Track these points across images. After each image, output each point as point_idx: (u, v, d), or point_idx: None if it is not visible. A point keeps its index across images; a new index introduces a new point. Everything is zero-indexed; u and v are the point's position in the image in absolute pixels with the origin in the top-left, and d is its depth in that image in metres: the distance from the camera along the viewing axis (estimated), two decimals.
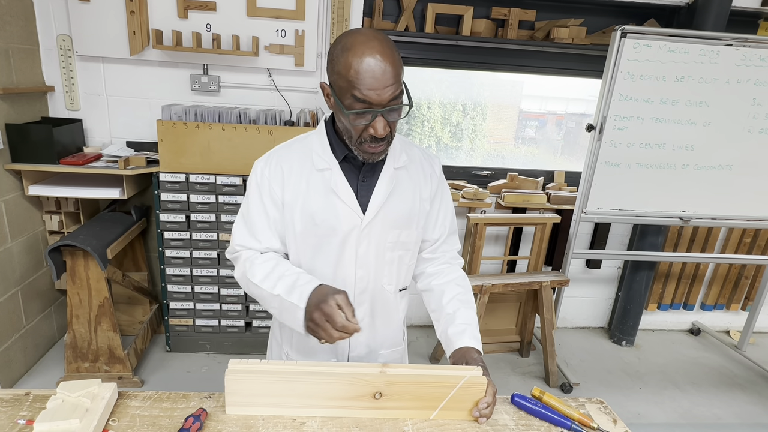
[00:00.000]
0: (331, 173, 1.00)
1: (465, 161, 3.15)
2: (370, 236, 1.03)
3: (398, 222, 1.05)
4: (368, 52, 0.84)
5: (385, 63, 0.84)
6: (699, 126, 2.41)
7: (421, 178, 1.08)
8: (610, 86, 2.29)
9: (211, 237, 2.38)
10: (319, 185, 1.01)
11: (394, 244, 1.06)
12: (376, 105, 0.86)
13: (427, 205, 1.09)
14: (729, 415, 2.46)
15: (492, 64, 2.77)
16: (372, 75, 0.84)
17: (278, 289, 0.95)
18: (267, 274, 0.99)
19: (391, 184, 1.02)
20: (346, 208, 1.00)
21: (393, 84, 0.86)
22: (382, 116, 0.89)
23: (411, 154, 1.08)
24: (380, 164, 1.03)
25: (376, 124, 0.89)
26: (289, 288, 0.94)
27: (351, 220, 1.01)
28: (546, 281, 2.55)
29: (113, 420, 0.90)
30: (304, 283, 0.94)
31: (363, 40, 0.86)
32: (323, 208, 1.00)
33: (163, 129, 2.20)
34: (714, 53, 2.28)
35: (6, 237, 2.15)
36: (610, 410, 1.05)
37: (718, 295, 3.27)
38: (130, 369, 2.27)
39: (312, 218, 1.01)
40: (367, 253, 1.04)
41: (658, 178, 2.48)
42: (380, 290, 1.09)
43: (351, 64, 0.85)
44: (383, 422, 0.94)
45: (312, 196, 1.01)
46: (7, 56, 2.11)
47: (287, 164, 1.03)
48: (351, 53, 0.85)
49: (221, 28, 2.38)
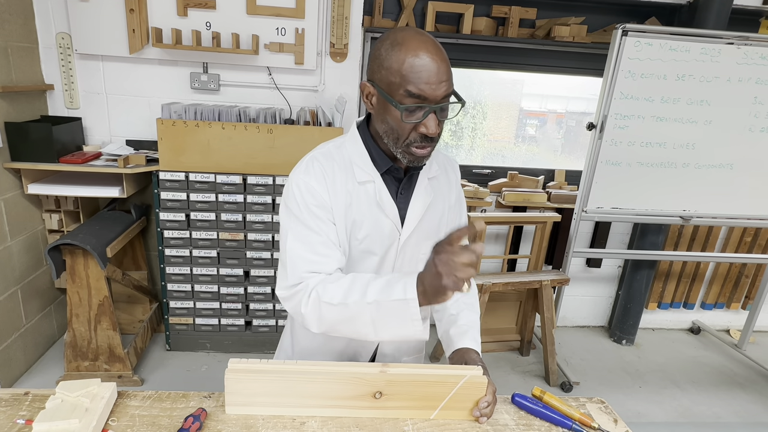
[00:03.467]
0: (374, 186, 0.95)
1: (465, 160, 3.15)
2: (407, 250, 1.01)
3: (430, 233, 1.03)
4: (423, 47, 0.82)
5: (440, 58, 0.83)
6: (700, 125, 2.40)
7: (446, 186, 1.07)
8: (611, 85, 2.28)
9: (211, 236, 2.37)
10: (362, 198, 0.95)
11: (426, 255, 1.04)
12: (431, 100, 0.84)
13: (452, 214, 1.08)
14: (729, 414, 2.46)
15: (492, 62, 2.76)
16: (428, 69, 0.82)
17: (371, 296, 0.83)
18: (348, 289, 0.86)
19: (428, 197, 1.00)
20: (389, 222, 0.97)
21: (447, 80, 0.84)
22: (435, 114, 0.85)
23: (438, 161, 1.06)
24: (415, 175, 1.00)
25: (428, 122, 0.85)
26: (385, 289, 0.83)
27: (391, 235, 0.98)
28: (546, 280, 2.55)
29: (113, 420, 0.90)
30: (399, 279, 0.84)
31: (415, 35, 0.84)
32: (368, 223, 0.96)
33: (163, 128, 2.20)
34: (715, 52, 2.27)
35: (6, 236, 2.15)
36: (611, 410, 1.05)
37: (718, 294, 3.26)
38: (130, 368, 2.27)
39: (354, 232, 0.97)
40: (403, 266, 1.02)
41: (658, 176, 2.48)
42: None
43: (405, 59, 0.82)
44: (383, 422, 0.94)
45: (355, 209, 0.95)
46: (6, 54, 2.11)
47: (330, 173, 0.94)
48: (405, 48, 0.83)
49: (221, 26, 2.37)
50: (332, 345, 1.06)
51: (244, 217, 2.37)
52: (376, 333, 0.86)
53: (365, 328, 0.86)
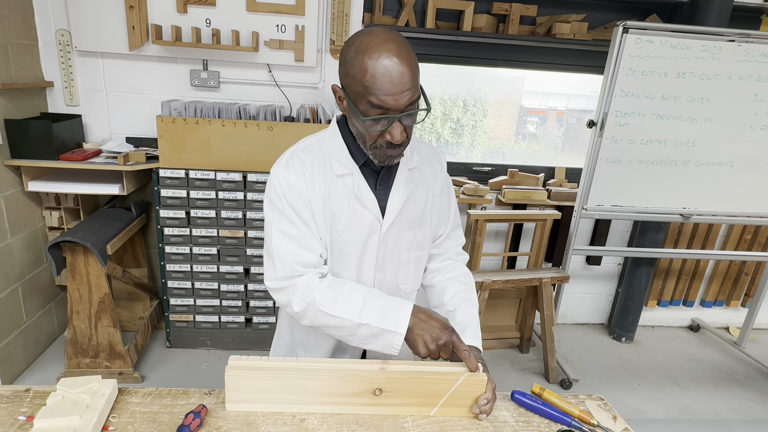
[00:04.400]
0: (353, 179, 0.97)
1: (465, 157, 3.14)
2: (388, 240, 1.02)
3: (413, 223, 1.04)
4: (385, 54, 0.80)
5: (402, 66, 0.81)
6: (700, 122, 2.40)
7: (430, 175, 1.08)
8: (611, 82, 2.27)
9: (211, 233, 2.37)
10: (341, 191, 0.97)
11: (410, 245, 1.05)
12: (393, 111, 0.83)
13: (438, 202, 1.09)
14: (728, 411, 2.47)
15: (493, 59, 2.75)
16: (389, 79, 0.80)
17: (366, 318, 0.91)
18: (345, 303, 0.92)
19: (408, 187, 1.01)
20: (369, 213, 0.99)
21: (410, 88, 0.82)
22: (399, 122, 0.85)
23: (421, 152, 1.07)
24: (394, 167, 1.01)
25: (392, 131, 0.85)
26: (380, 315, 0.91)
27: (372, 226, 1.00)
28: (546, 278, 2.55)
29: (113, 416, 0.90)
30: (396, 309, 0.92)
31: (378, 41, 0.81)
32: (346, 215, 0.98)
33: (163, 125, 2.19)
34: (716, 49, 2.26)
35: (6, 233, 2.15)
36: (610, 407, 1.05)
37: (718, 292, 3.27)
38: (130, 365, 2.27)
39: (334, 224, 0.99)
40: (386, 256, 1.03)
41: (659, 174, 2.48)
42: (396, 291, 1.09)
43: (366, 68, 0.81)
44: (383, 419, 0.94)
45: (334, 202, 0.97)
46: (5, 51, 2.10)
47: (309, 168, 0.97)
48: (366, 56, 0.81)
49: (221, 23, 2.37)
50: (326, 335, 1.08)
51: (244, 214, 2.37)
52: (356, 343, 0.95)
53: (349, 338, 0.94)
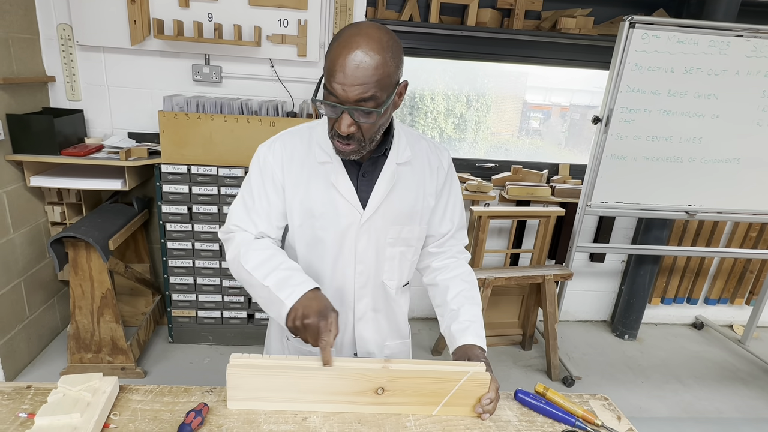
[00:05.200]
0: (332, 167, 0.99)
1: (468, 153, 3.13)
2: (370, 232, 1.02)
3: (399, 218, 1.03)
4: (349, 45, 0.81)
5: (361, 60, 0.81)
6: (707, 118, 2.37)
7: (426, 172, 1.06)
8: (617, 78, 2.25)
9: (213, 229, 2.37)
10: (320, 178, 0.99)
11: (395, 240, 1.05)
12: (343, 101, 0.84)
13: (431, 201, 1.07)
14: (731, 410, 2.46)
15: (497, 54, 2.73)
16: (342, 69, 0.81)
17: (269, 281, 0.92)
18: (261, 263, 0.96)
19: (393, 181, 1.01)
20: (346, 203, 0.99)
21: (363, 84, 0.82)
22: (349, 115, 0.85)
23: (417, 148, 1.06)
24: (382, 159, 1.01)
25: (339, 121, 0.87)
26: (280, 283, 0.92)
27: (350, 216, 1.00)
28: (549, 275, 2.54)
29: (114, 414, 0.90)
30: (298, 282, 0.92)
31: (352, 33, 0.83)
32: (322, 202, 0.99)
33: (165, 120, 2.18)
34: (724, 44, 2.23)
35: (8, 228, 2.15)
36: (614, 407, 1.04)
37: (722, 290, 3.25)
38: (133, 360, 2.28)
39: (311, 211, 1.00)
40: (367, 248, 1.03)
41: (664, 171, 2.46)
42: (381, 286, 1.08)
43: (330, 54, 0.84)
44: (385, 417, 0.93)
45: (312, 188, 0.99)
46: (7, 46, 2.09)
47: (289, 152, 1.01)
48: (336, 43, 0.84)
49: (223, 17, 2.35)
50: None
51: None
52: (262, 305, 0.98)
53: (259, 299, 0.97)
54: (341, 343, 1.12)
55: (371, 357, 1.13)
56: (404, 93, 0.93)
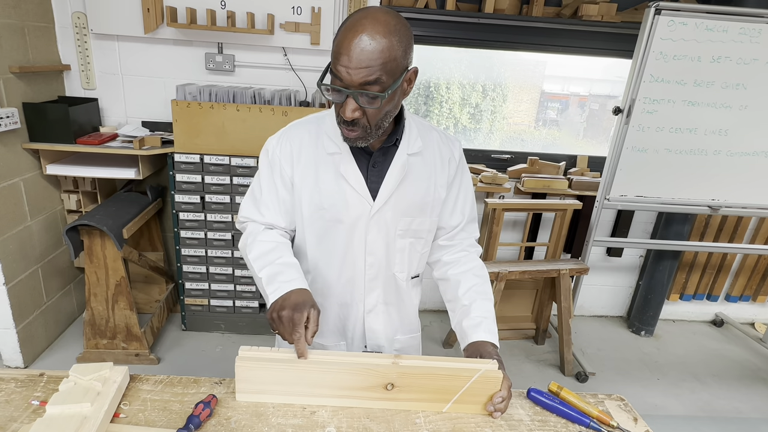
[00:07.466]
0: (341, 158, 0.98)
1: (484, 144, 3.07)
2: (380, 223, 1.00)
3: (410, 210, 1.02)
4: (355, 28, 0.80)
5: (367, 44, 0.79)
6: (734, 110, 2.28)
7: (437, 163, 1.04)
8: (640, 67, 2.17)
9: (226, 218, 2.37)
10: (329, 169, 0.98)
11: (405, 231, 1.03)
12: (348, 84, 0.83)
13: (443, 192, 1.05)
14: (750, 410, 2.40)
15: (515, 43, 2.65)
16: (347, 52, 0.80)
17: (263, 273, 0.96)
18: (261, 254, 0.98)
19: (403, 171, 0.98)
20: (355, 194, 0.98)
21: (368, 68, 0.80)
22: (353, 99, 0.84)
23: (428, 138, 1.03)
24: (393, 150, 0.99)
25: (344, 105, 0.85)
26: (270, 277, 0.94)
27: (360, 207, 0.98)
28: (564, 269, 2.49)
29: (124, 404, 0.90)
30: (286, 279, 0.93)
31: (360, 17, 0.82)
32: (332, 194, 0.98)
33: (178, 109, 2.18)
34: (755, 32, 2.13)
35: (26, 215, 2.18)
36: (630, 408, 1.01)
37: (744, 287, 3.15)
38: (146, 347, 2.31)
39: (320, 203, 0.99)
40: (377, 239, 1.02)
41: (687, 164, 2.37)
42: (391, 277, 1.07)
43: (337, 38, 0.83)
44: (395, 413, 0.92)
45: (321, 180, 0.99)
46: (23, 34, 2.10)
47: (298, 144, 1.00)
48: (344, 27, 0.83)
49: (236, 5, 2.32)
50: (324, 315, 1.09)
51: None
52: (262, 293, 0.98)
53: (259, 288, 0.99)
54: (352, 336, 1.11)
55: (381, 350, 1.12)
56: (414, 80, 0.90)
